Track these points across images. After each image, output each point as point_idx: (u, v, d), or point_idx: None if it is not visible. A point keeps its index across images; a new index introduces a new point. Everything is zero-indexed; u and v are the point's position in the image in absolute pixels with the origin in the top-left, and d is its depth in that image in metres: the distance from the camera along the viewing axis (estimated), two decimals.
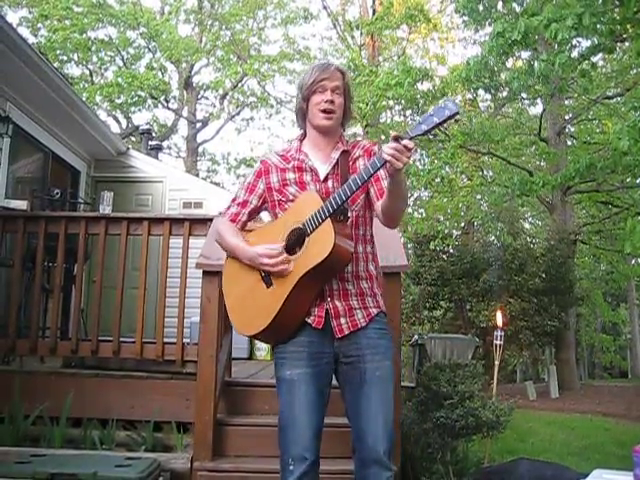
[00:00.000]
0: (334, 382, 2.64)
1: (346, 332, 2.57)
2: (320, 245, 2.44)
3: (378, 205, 2.60)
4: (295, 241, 2.54)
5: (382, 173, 2.52)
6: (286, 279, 2.51)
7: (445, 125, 18.40)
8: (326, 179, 2.66)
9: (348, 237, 2.54)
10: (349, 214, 2.60)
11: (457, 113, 2.31)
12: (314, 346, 2.56)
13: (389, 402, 2.57)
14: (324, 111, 2.62)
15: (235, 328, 2.75)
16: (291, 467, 2.46)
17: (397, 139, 2.27)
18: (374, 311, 2.65)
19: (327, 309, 2.57)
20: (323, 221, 2.46)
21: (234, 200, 2.80)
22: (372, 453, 2.48)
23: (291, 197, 2.65)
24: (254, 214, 2.80)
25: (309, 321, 2.56)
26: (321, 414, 2.55)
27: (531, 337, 14.22)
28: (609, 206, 18.28)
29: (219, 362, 4.11)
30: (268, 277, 2.58)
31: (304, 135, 2.77)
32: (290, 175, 2.69)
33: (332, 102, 2.63)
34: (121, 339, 4.69)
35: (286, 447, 2.51)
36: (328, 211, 2.45)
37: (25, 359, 4.83)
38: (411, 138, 2.29)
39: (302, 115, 2.72)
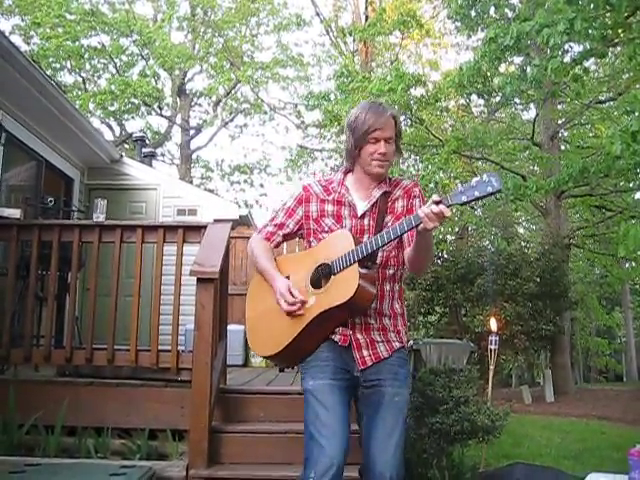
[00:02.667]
0: None
1: (369, 364, 2.62)
2: (343, 287, 2.51)
3: (407, 251, 2.66)
4: (320, 277, 2.62)
5: None
6: (306, 311, 2.58)
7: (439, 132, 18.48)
8: (363, 216, 2.70)
9: (372, 283, 2.59)
10: (377, 260, 2.65)
11: (499, 191, 2.39)
12: (339, 361, 2.62)
13: (402, 430, 2.60)
14: (377, 160, 2.65)
15: (250, 345, 2.83)
16: (312, 476, 2.44)
17: (437, 203, 2.35)
18: (396, 345, 2.70)
19: (350, 340, 2.63)
20: (351, 265, 2.52)
21: (272, 220, 2.86)
22: (380, 479, 2.49)
23: (326, 228, 2.71)
24: (288, 237, 2.87)
25: (335, 339, 2.63)
26: (346, 424, 2.54)
27: (526, 341, 14.21)
28: (603, 210, 18.33)
29: (214, 369, 4.11)
30: None
31: (350, 169, 2.80)
32: (329, 207, 2.74)
33: (385, 154, 2.65)
34: (116, 347, 4.67)
35: (309, 457, 2.49)
36: (357, 256, 2.51)
37: (19, 368, 4.81)
38: (449, 205, 2.37)
39: (352, 157, 2.72)
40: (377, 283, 2.63)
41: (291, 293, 2.59)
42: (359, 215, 2.69)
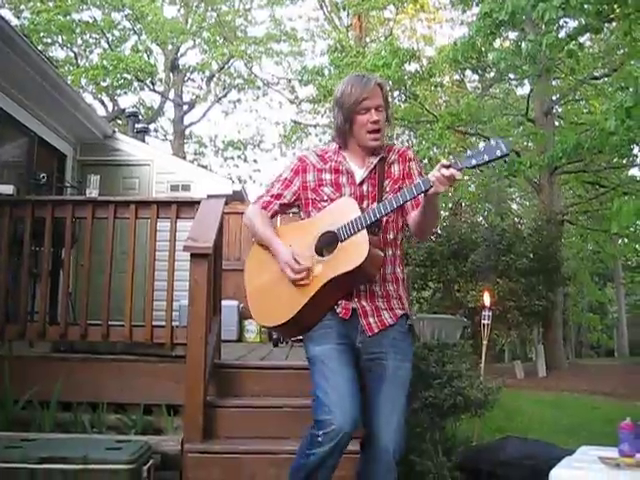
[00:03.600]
0: None
1: (376, 331, 2.62)
2: (353, 254, 2.49)
3: (412, 215, 2.65)
4: (326, 244, 2.59)
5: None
6: (313, 279, 2.56)
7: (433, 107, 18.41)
8: (362, 183, 2.69)
9: (379, 248, 2.59)
10: (382, 225, 2.64)
11: (508, 155, 2.42)
12: (341, 328, 2.61)
13: (404, 404, 2.62)
14: (371, 131, 2.64)
15: (253, 316, 2.78)
16: (320, 439, 2.42)
17: (447, 167, 2.36)
18: (399, 312, 2.71)
19: (354, 308, 2.62)
20: (359, 231, 2.51)
21: (268, 191, 2.83)
22: (384, 454, 2.51)
23: (325, 197, 2.69)
24: (286, 208, 2.84)
25: (337, 310, 2.62)
26: (355, 384, 2.51)
27: (519, 317, 14.31)
28: (596, 186, 18.38)
29: (208, 344, 4.12)
30: None
31: (341, 146, 2.78)
32: (326, 176, 2.72)
33: (378, 122, 2.63)
34: (110, 323, 4.67)
35: (319, 417, 2.45)
36: (365, 222, 2.50)
37: (14, 344, 4.80)
38: (460, 169, 2.39)
39: (343, 133, 2.71)
40: (383, 248, 2.63)
41: (296, 261, 2.57)
42: (358, 182, 2.68)
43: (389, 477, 2.53)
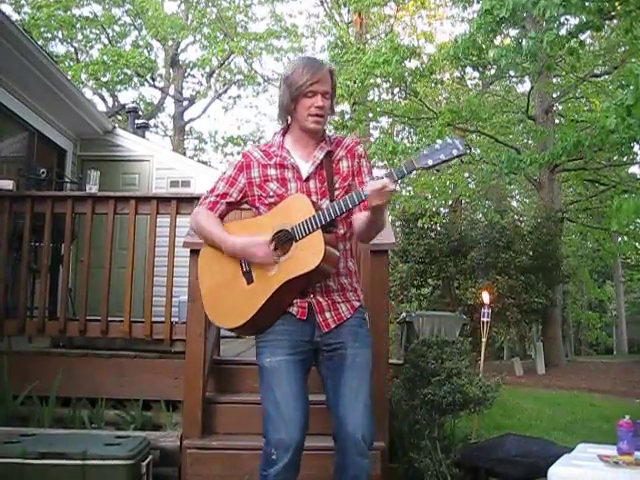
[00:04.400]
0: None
1: (332, 326, 2.61)
2: (310, 254, 2.46)
3: (356, 217, 2.63)
4: (280, 243, 2.55)
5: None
6: (269, 279, 2.53)
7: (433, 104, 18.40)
8: (308, 178, 2.65)
9: (335, 246, 2.57)
10: (337, 224, 2.61)
11: (465, 154, 2.43)
12: (295, 334, 2.59)
13: (368, 389, 2.61)
14: (314, 115, 2.59)
15: (209, 318, 2.78)
16: (274, 456, 2.47)
17: (386, 177, 2.36)
18: (356, 304, 2.70)
19: (310, 304, 2.60)
20: (314, 230, 2.47)
21: (212, 191, 2.75)
22: (351, 440, 2.51)
23: (272, 193, 2.64)
24: (233, 207, 2.77)
25: (292, 312, 2.59)
26: (304, 401, 2.56)
27: (518, 314, 14.31)
28: (596, 184, 18.37)
29: (208, 340, 4.12)
30: (250, 274, 2.59)
31: (286, 129, 2.73)
32: (272, 171, 2.66)
33: (322, 108, 2.59)
34: (109, 318, 4.69)
35: (270, 435, 2.51)
36: (320, 222, 2.47)
37: (13, 339, 4.81)
38: (415, 169, 2.40)
39: (287, 112, 2.65)
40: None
41: (261, 242, 2.52)
42: (304, 178, 2.64)
43: (362, 462, 2.53)
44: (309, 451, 2.71)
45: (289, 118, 2.69)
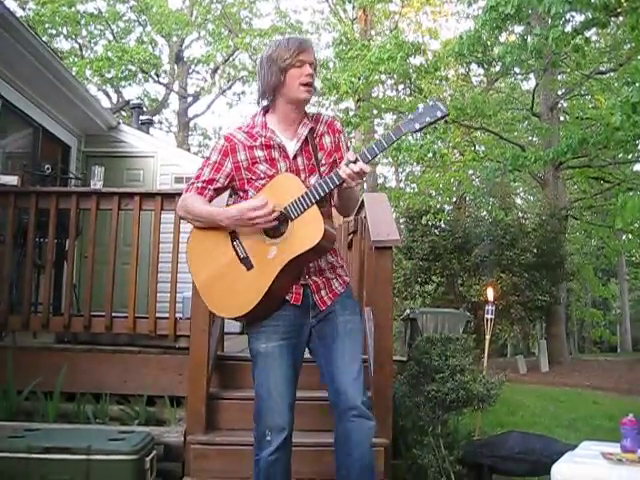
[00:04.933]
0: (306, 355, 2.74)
1: (329, 303, 2.65)
2: (309, 231, 2.46)
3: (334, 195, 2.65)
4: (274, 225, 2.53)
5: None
6: (270, 262, 2.51)
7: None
8: (295, 156, 2.64)
9: (330, 221, 2.58)
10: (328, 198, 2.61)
11: (448, 114, 2.48)
12: (290, 319, 2.62)
13: (361, 354, 2.69)
14: (305, 84, 2.59)
15: (210, 309, 2.77)
16: (268, 438, 2.52)
17: (354, 162, 2.41)
18: (346, 278, 2.76)
19: (306, 285, 2.62)
20: (310, 207, 2.47)
21: (198, 177, 2.70)
22: (352, 404, 2.52)
23: (262, 175, 2.61)
24: (221, 192, 2.73)
25: (287, 297, 2.61)
26: (295, 386, 2.63)
27: (522, 312, 14.30)
28: (601, 182, 18.33)
29: (212, 336, 4.13)
30: (248, 259, 2.55)
31: (267, 109, 2.71)
32: (259, 153, 2.64)
33: (312, 76, 2.60)
34: (113, 314, 4.69)
35: (263, 418, 2.56)
36: (315, 197, 2.47)
37: (17, 334, 4.83)
38: (404, 134, 2.45)
39: (273, 89, 2.62)
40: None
41: (258, 202, 2.48)
42: (291, 156, 2.63)
43: (365, 425, 2.54)
44: (308, 447, 2.72)
45: (272, 97, 2.66)
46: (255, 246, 2.55)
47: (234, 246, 2.58)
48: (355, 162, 2.40)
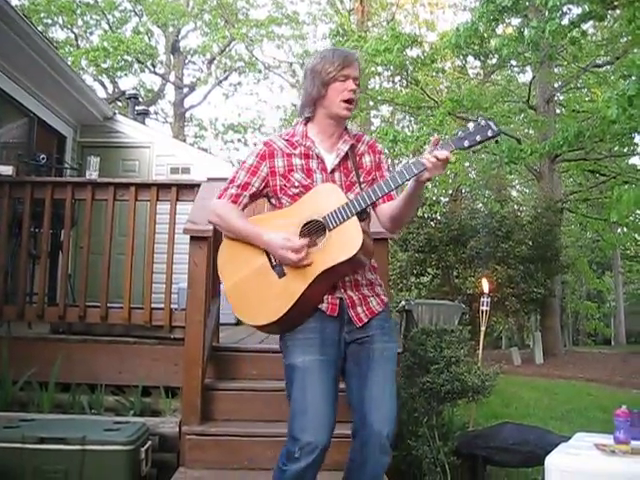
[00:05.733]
0: None
1: (365, 320, 2.55)
2: (347, 242, 2.39)
3: (383, 208, 2.58)
4: (311, 233, 2.47)
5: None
6: (303, 271, 2.44)
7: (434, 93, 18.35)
8: (333, 170, 2.60)
9: (369, 235, 2.51)
10: (369, 212, 2.55)
11: (499, 134, 2.36)
12: (326, 333, 2.51)
13: (394, 383, 2.58)
14: (347, 101, 2.55)
15: (237, 315, 2.63)
16: (297, 455, 2.38)
17: (439, 150, 2.29)
18: (385, 298, 2.67)
19: (341, 298, 2.54)
20: (349, 218, 2.41)
21: (232, 181, 2.63)
22: (377, 437, 2.45)
23: (296, 183, 2.56)
24: (255, 198, 2.66)
25: (322, 308, 2.52)
26: (335, 401, 2.48)
27: (517, 304, 14.33)
28: (596, 175, 18.36)
29: (207, 327, 4.13)
30: (280, 267, 2.49)
31: (308, 119, 2.67)
32: (296, 161, 2.59)
33: (354, 91, 2.56)
34: (109, 305, 4.69)
35: (296, 435, 2.41)
36: (355, 209, 2.41)
37: (13, 325, 4.82)
38: (451, 151, 2.31)
39: (314, 101, 2.59)
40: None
41: (290, 240, 2.42)
42: (329, 169, 2.59)
43: (383, 460, 2.50)
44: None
45: (313, 109, 2.62)
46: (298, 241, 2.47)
47: (267, 253, 2.52)
48: (440, 148, 2.31)
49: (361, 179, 2.61)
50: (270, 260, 2.51)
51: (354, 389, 2.54)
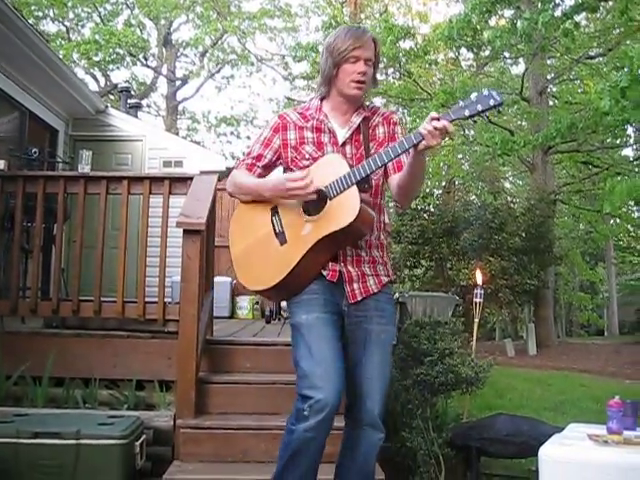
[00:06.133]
0: None
1: (359, 298, 2.59)
2: (344, 210, 2.44)
3: (394, 178, 2.61)
4: (314, 202, 2.51)
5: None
6: (303, 239, 2.50)
7: (427, 85, 18.34)
8: (344, 143, 2.64)
9: (371, 206, 2.54)
10: (372, 183, 2.59)
11: (501, 104, 2.38)
12: (327, 294, 2.57)
13: (388, 366, 2.64)
14: (356, 81, 2.57)
15: (240, 280, 2.72)
16: (306, 413, 2.39)
17: (437, 119, 2.30)
18: (385, 279, 2.68)
19: (341, 271, 2.58)
20: (349, 187, 2.45)
21: (249, 153, 2.75)
22: (369, 416, 2.53)
23: (307, 156, 2.63)
24: (268, 169, 2.75)
25: (324, 273, 2.57)
26: (342, 359, 2.49)
27: (510, 295, 14.37)
28: (589, 166, 18.39)
29: (200, 321, 4.13)
30: (283, 234, 2.56)
31: (325, 95, 2.71)
32: (308, 134, 2.66)
33: (365, 74, 2.58)
34: (102, 299, 4.67)
35: (305, 393, 2.42)
36: (355, 178, 2.44)
37: (6, 320, 4.81)
38: (452, 120, 2.33)
39: (328, 79, 2.63)
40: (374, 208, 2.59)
41: (296, 175, 2.49)
42: (340, 143, 2.63)
43: (376, 436, 2.56)
44: None
45: (327, 87, 2.66)
46: (292, 222, 2.55)
47: (272, 221, 2.60)
48: (438, 119, 2.31)
49: (372, 151, 2.63)
50: (275, 228, 2.59)
51: (349, 368, 2.57)
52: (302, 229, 2.52)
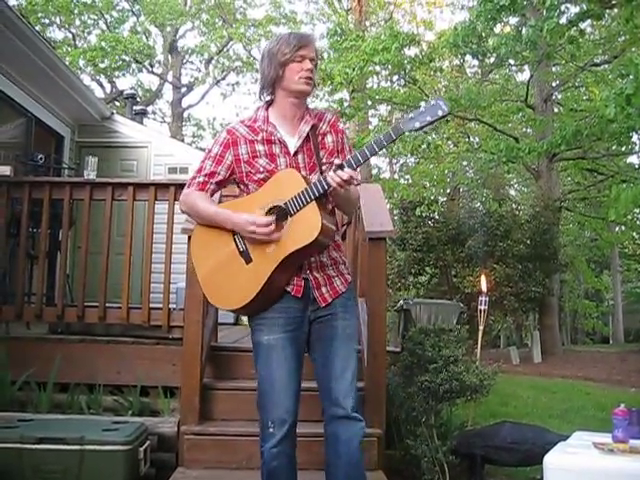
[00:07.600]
0: None
1: (329, 300, 2.65)
2: (307, 226, 2.47)
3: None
4: (276, 219, 2.53)
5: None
6: (268, 256, 2.52)
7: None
8: (296, 153, 2.66)
9: (330, 218, 2.59)
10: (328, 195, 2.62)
11: (449, 113, 2.49)
12: (291, 312, 2.62)
13: (355, 359, 2.69)
14: (305, 78, 2.60)
15: (210, 301, 2.77)
16: (271, 429, 2.53)
17: (341, 168, 2.41)
18: (348, 277, 2.75)
19: (307, 279, 2.62)
20: (308, 203, 2.48)
21: (200, 171, 2.71)
22: (340, 409, 2.56)
23: (261, 169, 2.63)
24: (222, 185, 2.75)
25: (288, 289, 2.61)
26: (299, 377, 2.63)
27: (515, 303, 14.32)
28: (594, 173, 18.35)
29: (205, 327, 4.13)
30: (247, 253, 2.57)
31: (270, 103, 2.73)
32: (259, 147, 2.65)
33: (312, 71, 2.61)
34: (107, 305, 4.68)
35: (266, 410, 2.57)
36: (314, 194, 2.48)
37: (11, 325, 4.82)
38: (403, 133, 2.48)
39: (273, 82, 2.65)
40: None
41: (261, 219, 2.50)
42: (292, 152, 2.65)
43: (354, 428, 2.58)
44: (308, 437, 2.73)
45: (272, 91, 2.69)
46: (255, 240, 2.55)
47: (235, 239, 2.60)
48: (342, 168, 2.41)
49: (323, 160, 2.68)
50: (238, 247, 2.60)
51: (319, 365, 2.66)
52: (267, 247, 2.53)
